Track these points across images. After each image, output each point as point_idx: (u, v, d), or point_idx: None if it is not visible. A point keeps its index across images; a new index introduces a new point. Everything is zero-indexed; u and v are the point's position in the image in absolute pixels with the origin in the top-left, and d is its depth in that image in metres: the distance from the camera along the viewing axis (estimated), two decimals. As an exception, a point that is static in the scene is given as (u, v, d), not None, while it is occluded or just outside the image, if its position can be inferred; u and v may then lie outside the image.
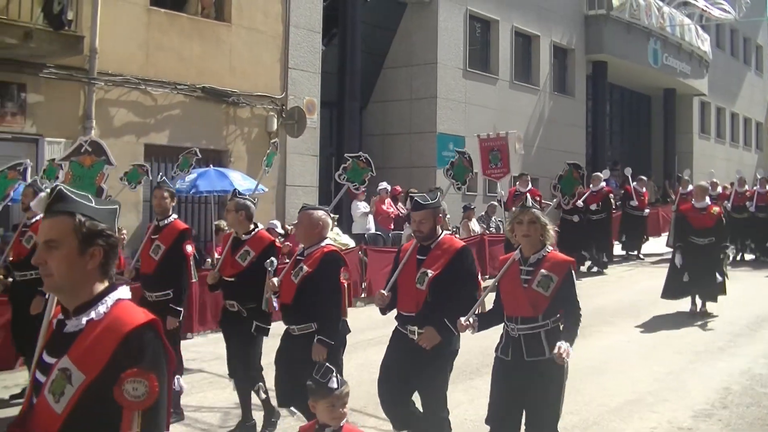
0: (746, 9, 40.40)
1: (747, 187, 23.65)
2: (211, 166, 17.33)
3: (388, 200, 20.50)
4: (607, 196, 21.69)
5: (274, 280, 7.63)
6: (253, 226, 8.71)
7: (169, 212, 9.38)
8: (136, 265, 9.68)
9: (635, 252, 24.41)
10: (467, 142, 23.92)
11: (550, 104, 31.09)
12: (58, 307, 3.36)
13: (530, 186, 20.83)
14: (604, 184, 21.91)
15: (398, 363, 7.00)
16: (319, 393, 4.86)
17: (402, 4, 26.10)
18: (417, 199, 7.12)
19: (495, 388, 6.48)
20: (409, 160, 25.61)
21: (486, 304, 6.73)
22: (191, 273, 9.43)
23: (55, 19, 14.16)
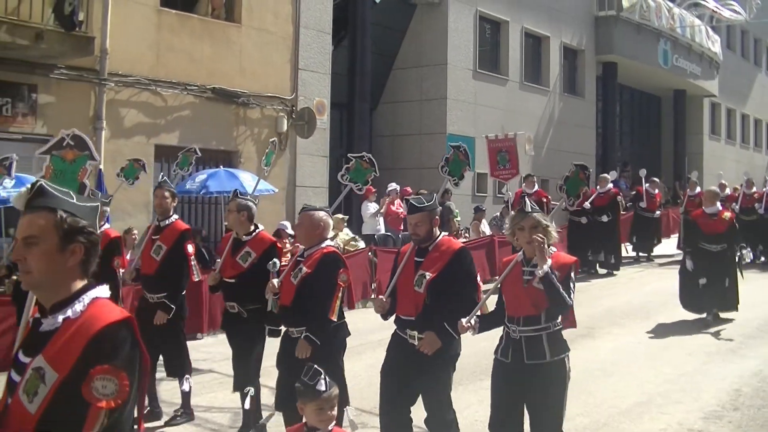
0: (757, 10, 40.34)
1: (755, 189, 23.52)
2: (221, 166, 17.36)
3: (398, 201, 20.49)
4: (614, 198, 21.61)
5: (275, 281, 7.56)
6: (253, 227, 8.65)
7: (170, 212, 9.35)
8: (137, 266, 9.59)
9: (645, 254, 24.33)
10: (477, 143, 23.90)
11: (560, 105, 31.06)
12: (36, 307, 3.30)
13: (537, 187, 20.76)
14: (611, 186, 21.85)
15: (398, 370, 6.91)
16: (307, 395, 4.80)
17: (412, 5, 26.10)
18: (412, 202, 7.03)
19: (495, 391, 6.45)
20: (419, 161, 25.59)
21: (487, 307, 6.67)
22: (193, 273, 9.34)
23: (67, 20, 14.20)
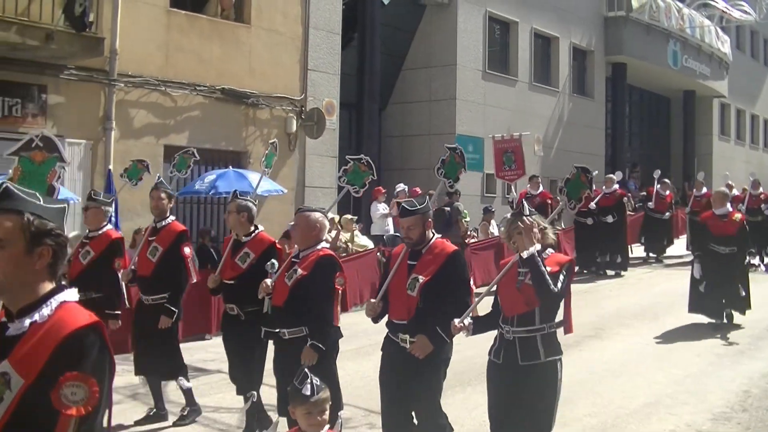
0: (767, 10, 40.22)
1: (762, 190, 23.43)
2: (231, 167, 17.39)
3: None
4: (620, 199, 21.57)
5: (268, 281, 7.47)
6: (253, 228, 8.59)
7: (167, 214, 9.27)
8: (133, 267, 9.44)
9: (657, 255, 24.25)
10: (486, 144, 23.90)
11: (569, 106, 31.03)
12: (2, 311, 3.21)
13: (541, 188, 20.74)
14: (617, 187, 21.79)
15: (394, 375, 6.82)
16: (296, 400, 4.73)
17: (421, 5, 26.11)
18: (404, 205, 6.89)
19: (490, 392, 6.43)
20: (428, 161, 25.53)
21: (477, 310, 6.61)
22: (191, 274, 9.28)
23: (77, 20, 14.24)
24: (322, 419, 4.66)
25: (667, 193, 24.24)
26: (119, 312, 9.21)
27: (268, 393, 8.57)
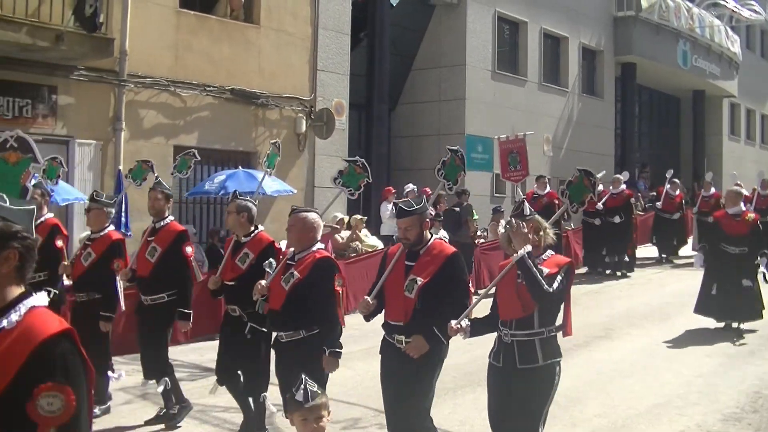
0: (777, 10, 40.13)
1: None
2: (240, 167, 17.41)
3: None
4: (627, 200, 21.50)
5: (263, 282, 7.38)
6: (253, 228, 8.56)
7: (165, 214, 9.26)
8: (133, 267, 9.40)
9: (668, 255, 24.18)
10: (495, 144, 23.87)
11: (579, 106, 30.99)
12: None
13: (548, 189, 20.68)
14: (624, 187, 21.73)
15: (394, 376, 6.73)
16: (291, 405, 4.62)
17: (430, 5, 26.09)
18: (401, 206, 6.81)
19: (490, 395, 6.40)
20: (437, 161, 25.36)
21: (472, 312, 6.53)
22: (194, 274, 9.32)
23: (88, 21, 14.27)
24: (319, 426, 4.51)
25: (677, 193, 24.17)
26: (112, 314, 9.22)
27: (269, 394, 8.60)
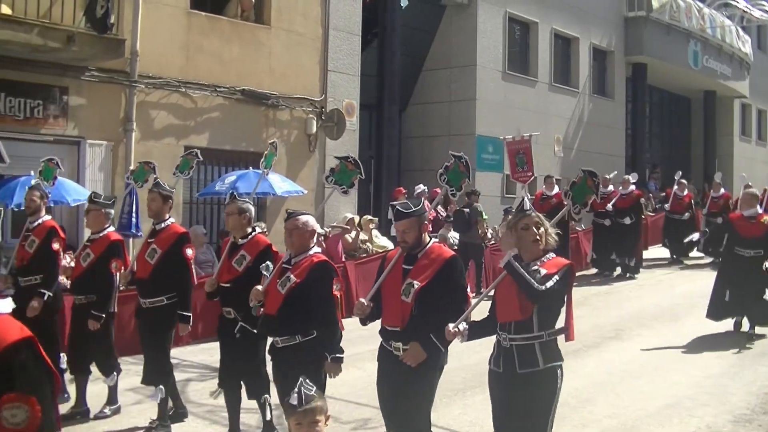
0: (788, 10, 39.98)
1: None
2: (251, 168, 17.43)
3: (426, 202, 20.47)
4: (637, 200, 21.44)
5: (259, 287, 7.30)
6: (250, 230, 8.51)
7: (164, 215, 9.21)
8: (132, 269, 9.36)
9: (680, 256, 24.09)
10: (503, 145, 23.87)
11: (590, 106, 30.93)
12: None
13: (557, 189, 20.64)
14: (633, 188, 21.67)
15: (390, 384, 6.64)
16: (287, 409, 4.55)
17: (441, 6, 26.09)
18: (398, 208, 6.69)
19: (493, 401, 6.29)
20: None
21: (470, 316, 6.46)
22: (193, 277, 9.26)
23: (99, 22, 14.29)
24: (314, 430, 4.36)
25: (685, 193, 24.07)
26: (101, 314, 9.16)
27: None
